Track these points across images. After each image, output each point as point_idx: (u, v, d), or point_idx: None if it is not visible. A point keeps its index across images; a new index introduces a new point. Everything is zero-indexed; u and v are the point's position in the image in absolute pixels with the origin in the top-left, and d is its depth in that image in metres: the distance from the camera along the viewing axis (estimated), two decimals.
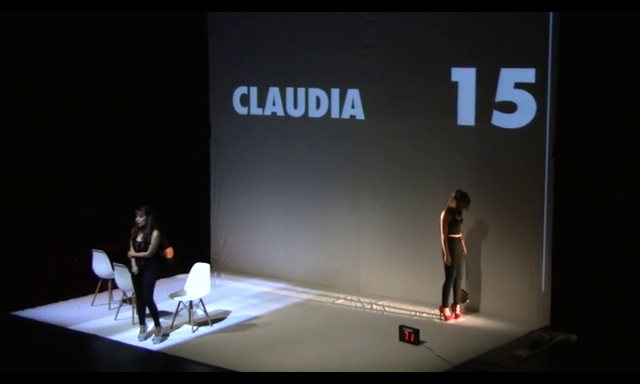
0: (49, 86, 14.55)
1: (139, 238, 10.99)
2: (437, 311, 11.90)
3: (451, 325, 11.62)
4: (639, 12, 10.25)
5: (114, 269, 11.89)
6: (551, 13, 11.02)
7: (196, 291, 11.61)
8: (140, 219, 10.98)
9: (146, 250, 10.93)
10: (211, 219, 14.85)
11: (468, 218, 11.69)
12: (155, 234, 10.97)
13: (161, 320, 11.21)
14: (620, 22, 10.54)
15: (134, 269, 10.97)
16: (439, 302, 11.86)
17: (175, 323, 11.47)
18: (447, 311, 11.74)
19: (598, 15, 10.51)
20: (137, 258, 10.96)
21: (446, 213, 11.53)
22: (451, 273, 11.64)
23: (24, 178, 14.46)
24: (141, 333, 11.16)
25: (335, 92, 13.16)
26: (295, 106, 13.63)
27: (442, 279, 11.72)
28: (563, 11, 10.87)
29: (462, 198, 11.48)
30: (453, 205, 11.53)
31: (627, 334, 10.65)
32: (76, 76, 14.80)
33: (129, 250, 11.08)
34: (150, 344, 10.98)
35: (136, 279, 11.09)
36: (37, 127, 14.52)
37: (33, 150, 14.52)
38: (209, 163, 14.77)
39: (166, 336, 11.18)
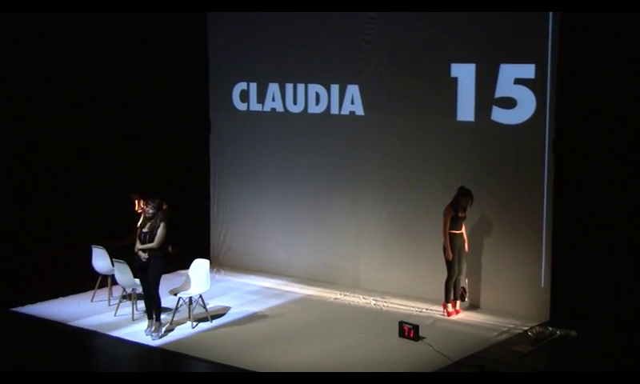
0: (49, 83, 14.56)
1: (146, 229, 11.02)
2: (436, 307, 11.91)
3: (451, 321, 11.63)
4: (638, 10, 10.25)
5: (113, 265, 11.88)
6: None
7: (196, 287, 11.61)
8: (150, 211, 11.02)
9: (152, 242, 10.95)
10: (211, 215, 14.86)
11: (468, 214, 11.68)
12: (162, 225, 11.00)
13: (162, 316, 11.21)
14: (619, 18, 10.55)
15: (144, 256, 10.95)
16: (439, 297, 11.87)
17: (175, 319, 11.47)
18: (449, 307, 11.75)
19: (597, 11, 10.50)
20: (143, 250, 10.98)
21: (448, 208, 11.54)
22: (452, 268, 11.65)
23: (24, 174, 14.46)
24: (148, 327, 11.14)
25: (335, 88, 13.15)
26: (295, 102, 13.62)
27: (442, 275, 11.73)
28: (562, 11, 10.87)
29: (465, 195, 11.47)
30: (455, 201, 11.52)
31: (626, 329, 10.67)
32: (76, 73, 14.81)
33: (134, 243, 11.11)
34: (151, 339, 10.98)
35: (142, 273, 11.09)
36: (37, 124, 14.53)
37: (32, 147, 14.52)
38: (208, 159, 14.77)
39: (166, 332, 11.18)
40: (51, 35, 14.37)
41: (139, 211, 12.00)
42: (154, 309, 11.12)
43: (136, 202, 13.01)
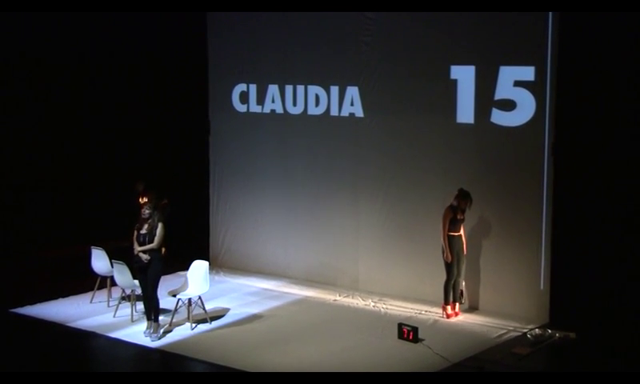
0: (49, 84, 14.57)
1: (144, 230, 11.02)
2: (435, 309, 11.91)
3: (450, 322, 11.62)
4: (638, 11, 10.25)
5: (112, 266, 11.88)
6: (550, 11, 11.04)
7: (195, 288, 11.61)
8: (147, 212, 11.02)
9: (151, 242, 10.95)
10: (210, 216, 14.85)
11: (467, 216, 11.69)
12: (160, 225, 11.00)
13: (160, 317, 11.20)
14: (619, 20, 10.55)
15: (145, 257, 10.94)
16: (438, 299, 11.87)
17: (174, 320, 11.46)
18: (449, 309, 11.75)
19: (597, 13, 10.51)
20: (144, 252, 10.98)
21: (447, 210, 11.54)
22: (451, 270, 11.65)
23: (23, 176, 14.46)
24: (147, 328, 11.15)
25: (334, 89, 13.15)
26: (294, 104, 13.62)
27: (441, 276, 11.73)
28: (562, 11, 10.88)
29: (464, 197, 11.48)
30: (455, 203, 11.53)
31: (625, 331, 10.66)
32: (77, 74, 14.83)
33: (133, 246, 11.11)
34: (150, 341, 10.98)
35: (141, 274, 11.09)
36: (37, 125, 14.54)
37: (32, 148, 14.53)
38: (208, 160, 14.77)
39: (164, 333, 11.18)
40: (50, 36, 14.38)
41: (142, 203, 11.95)
42: (152, 310, 11.11)
43: (141, 194, 13.13)
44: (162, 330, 11.15)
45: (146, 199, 12.42)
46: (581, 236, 11.20)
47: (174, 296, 11.46)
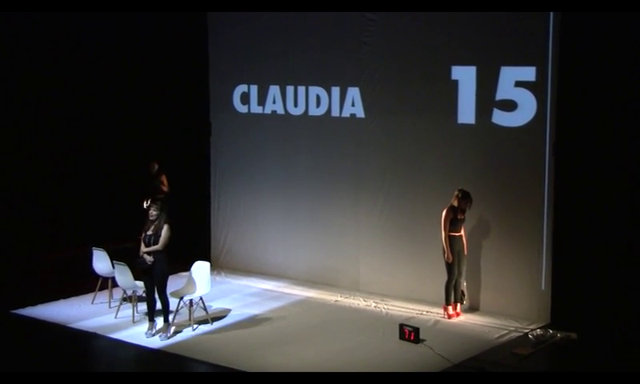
0: (49, 85, 14.55)
1: (150, 231, 11.04)
2: (436, 309, 11.91)
3: (451, 323, 11.62)
4: (638, 11, 10.25)
5: (114, 267, 11.88)
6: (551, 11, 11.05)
7: (196, 289, 11.61)
8: (154, 213, 11.03)
9: (156, 244, 10.97)
10: (211, 217, 14.85)
11: (468, 217, 11.69)
12: (166, 226, 11.02)
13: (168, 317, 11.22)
14: (620, 20, 10.56)
15: (149, 259, 10.96)
16: (439, 300, 11.87)
17: (175, 321, 11.46)
18: (450, 309, 11.75)
19: (598, 13, 10.51)
20: (148, 253, 11.00)
21: (447, 211, 11.54)
22: (452, 271, 11.65)
23: (24, 176, 14.45)
24: (149, 329, 11.16)
25: (335, 90, 13.15)
26: (295, 105, 13.62)
27: (442, 277, 11.73)
28: (563, 11, 10.88)
29: (464, 197, 11.48)
30: (455, 203, 11.54)
31: (627, 332, 10.66)
32: (76, 75, 14.80)
33: (139, 247, 11.14)
34: (153, 341, 10.98)
35: (145, 275, 11.10)
36: (37, 126, 14.52)
37: (33, 149, 14.52)
38: (209, 161, 14.78)
39: (174, 333, 11.17)
40: (50, 36, 14.36)
41: (149, 205, 11.90)
42: (162, 310, 11.13)
43: (155, 175, 13.74)
44: (172, 330, 11.15)
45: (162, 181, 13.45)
46: (582, 236, 11.21)
47: (181, 298, 11.46)
